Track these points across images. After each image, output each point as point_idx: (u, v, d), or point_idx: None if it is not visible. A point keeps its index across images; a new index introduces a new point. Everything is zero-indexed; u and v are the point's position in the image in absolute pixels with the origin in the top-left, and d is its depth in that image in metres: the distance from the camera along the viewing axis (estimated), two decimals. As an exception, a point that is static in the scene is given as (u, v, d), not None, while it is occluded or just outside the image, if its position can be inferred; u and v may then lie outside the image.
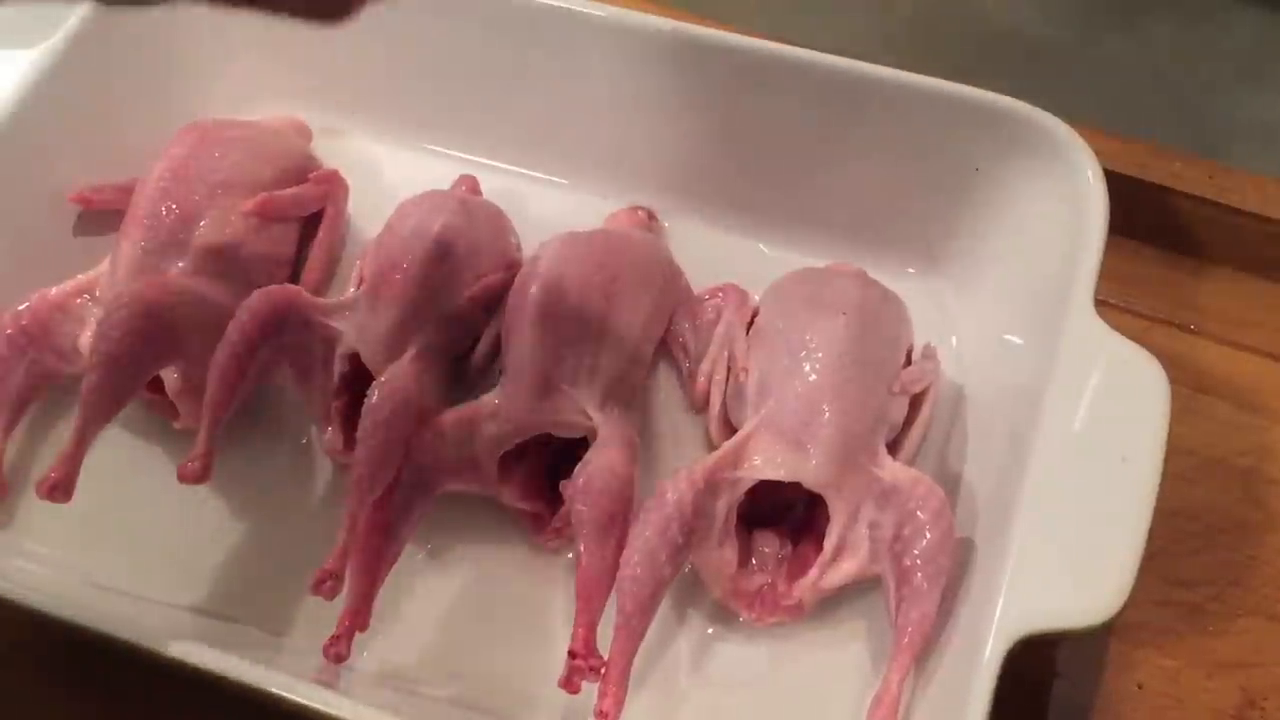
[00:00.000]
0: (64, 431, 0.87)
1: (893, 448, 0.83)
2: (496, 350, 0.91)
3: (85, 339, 0.88)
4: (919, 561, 0.74)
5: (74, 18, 0.96)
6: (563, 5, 0.97)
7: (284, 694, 0.70)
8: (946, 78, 0.91)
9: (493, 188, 1.02)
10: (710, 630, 0.82)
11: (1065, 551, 0.70)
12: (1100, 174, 0.84)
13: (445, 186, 0.99)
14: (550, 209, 1.02)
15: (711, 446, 0.88)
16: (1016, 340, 0.87)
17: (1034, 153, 0.88)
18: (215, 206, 0.91)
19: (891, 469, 0.79)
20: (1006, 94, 0.90)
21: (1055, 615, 0.69)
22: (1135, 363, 0.77)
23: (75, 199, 0.95)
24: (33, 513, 0.88)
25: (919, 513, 0.76)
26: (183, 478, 0.81)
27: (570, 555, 0.86)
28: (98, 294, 0.90)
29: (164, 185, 0.91)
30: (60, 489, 0.79)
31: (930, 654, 0.74)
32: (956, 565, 0.75)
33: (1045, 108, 0.89)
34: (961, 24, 1.27)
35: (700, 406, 0.90)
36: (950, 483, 0.84)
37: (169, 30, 1.01)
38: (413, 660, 0.82)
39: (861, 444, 0.79)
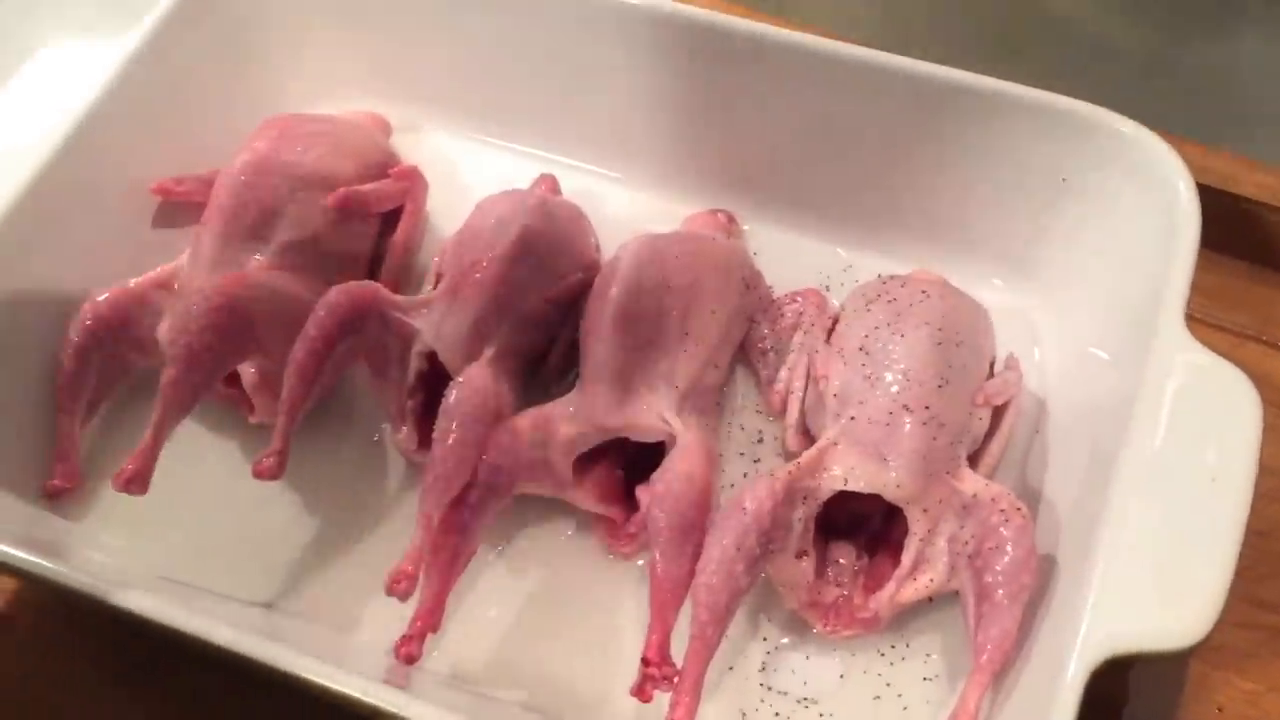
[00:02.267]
0: (137, 424, 0.88)
1: (973, 460, 0.82)
2: (573, 352, 0.91)
3: (163, 331, 0.89)
4: (1000, 578, 0.73)
5: (157, 9, 0.97)
6: (643, 4, 0.97)
7: (357, 695, 0.70)
8: (1030, 85, 0.91)
9: (570, 187, 1.02)
10: (783, 641, 0.82)
11: (1152, 572, 0.69)
12: (1192, 187, 0.83)
13: (522, 185, 1.00)
14: (627, 210, 1.02)
15: (788, 454, 0.87)
16: (1102, 354, 0.86)
17: (1124, 164, 0.87)
18: (296, 200, 0.92)
19: (973, 482, 0.78)
20: (1089, 102, 0.89)
21: (1140, 637, 0.67)
22: (1226, 379, 0.75)
23: (156, 190, 0.96)
24: (107, 504, 0.89)
25: (1001, 528, 0.75)
26: (258, 474, 0.81)
27: (642, 561, 0.85)
28: (176, 286, 0.91)
29: (245, 178, 0.92)
30: (137, 481, 0.80)
31: (1009, 672, 0.74)
32: (1038, 583, 0.75)
33: (1130, 117, 0.88)
34: (1044, 31, 1.25)
35: (778, 413, 0.89)
36: (1030, 497, 0.83)
37: (250, 23, 1.02)
38: (482, 663, 0.82)
39: (943, 456, 0.79)
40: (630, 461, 0.87)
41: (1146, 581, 0.69)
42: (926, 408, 0.79)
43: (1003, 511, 0.75)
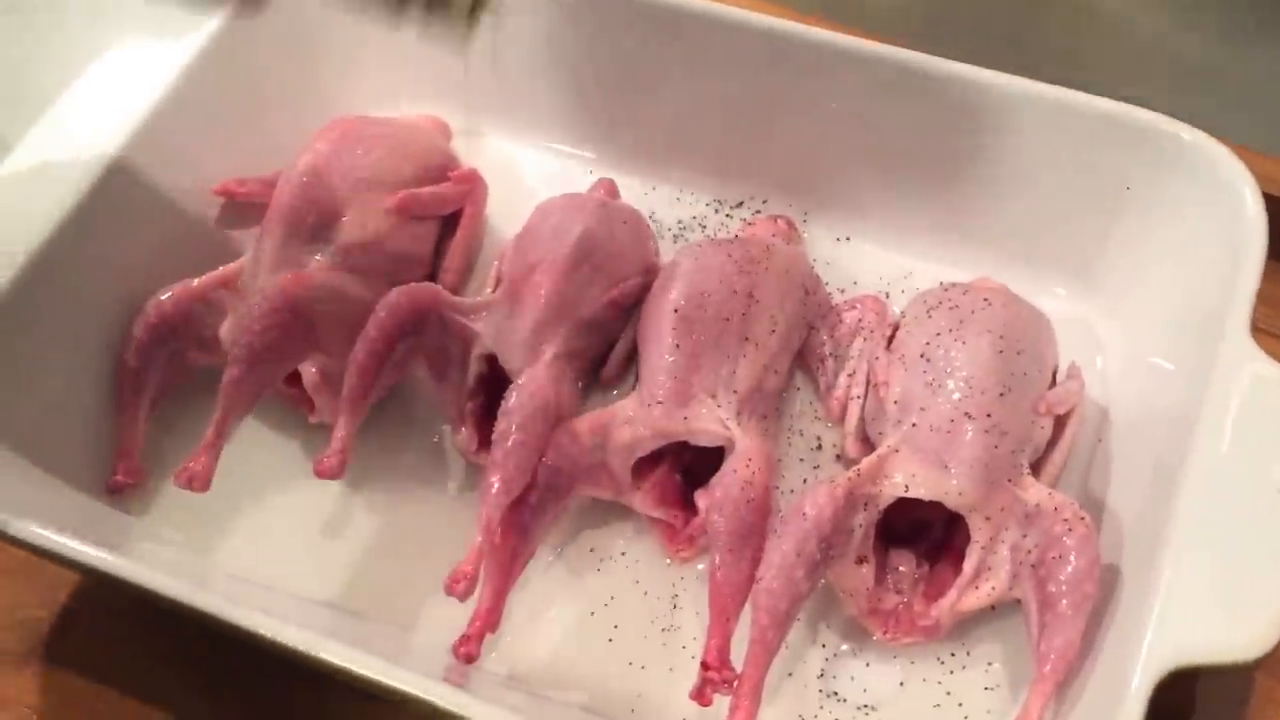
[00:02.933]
0: (197, 422, 0.89)
1: (1035, 469, 0.81)
2: (631, 356, 0.92)
3: (225, 330, 0.90)
4: (1064, 587, 0.73)
5: (220, 11, 0.97)
6: (701, 8, 0.97)
7: (418, 693, 0.70)
8: (1092, 93, 0.90)
9: (628, 192, 1.02)
10: (843, 647, 0.82)
11: (1218, 583, 0.69)
12: (1259, 197, 0.82)
13: (580, 189, 1.00)
14: (685, 215, 1.02)
15: (846, 461, 0.87)
16: (1166, 364, 0.85)
17: (1189, 173, 0.86)
18: (357, 202, 0.92)
19: (1036, 491, 0.78)
20: (1153, 110, 0.89)
21: (1206, 649, 0.67)
22: (1292, 391, 0.75)
23: (219, 191, 0.96)
24: (169, 501, 0.90)
25: (1065, 538, 0.74)
26: (319, 473, 0.82)
27: (700, 565, 0.86)
28: (238, 286, 0.91)
29: (307, 180, 0.92)
30: (199, 479, 0.81)
31: (1072, 683, 0.73)
32: (1101, 593, 0.74)
33: (1194, 125, 0.87)
34: (1106, 39, 1.25)
35: (837, 420, 0.89)
36: (1093, 506, 0.82)
37: (312, 26, 1.03)
38: (540, 664, 0.83)
39: (1006, 465, 0.78)
40: (688, 466, 0.87)
41: (1212, 593, 0.69)
42: (989, 415, 0.78)
43: (1066, 521, 0.75)
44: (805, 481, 0.88)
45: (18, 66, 0.78)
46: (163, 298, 0.90)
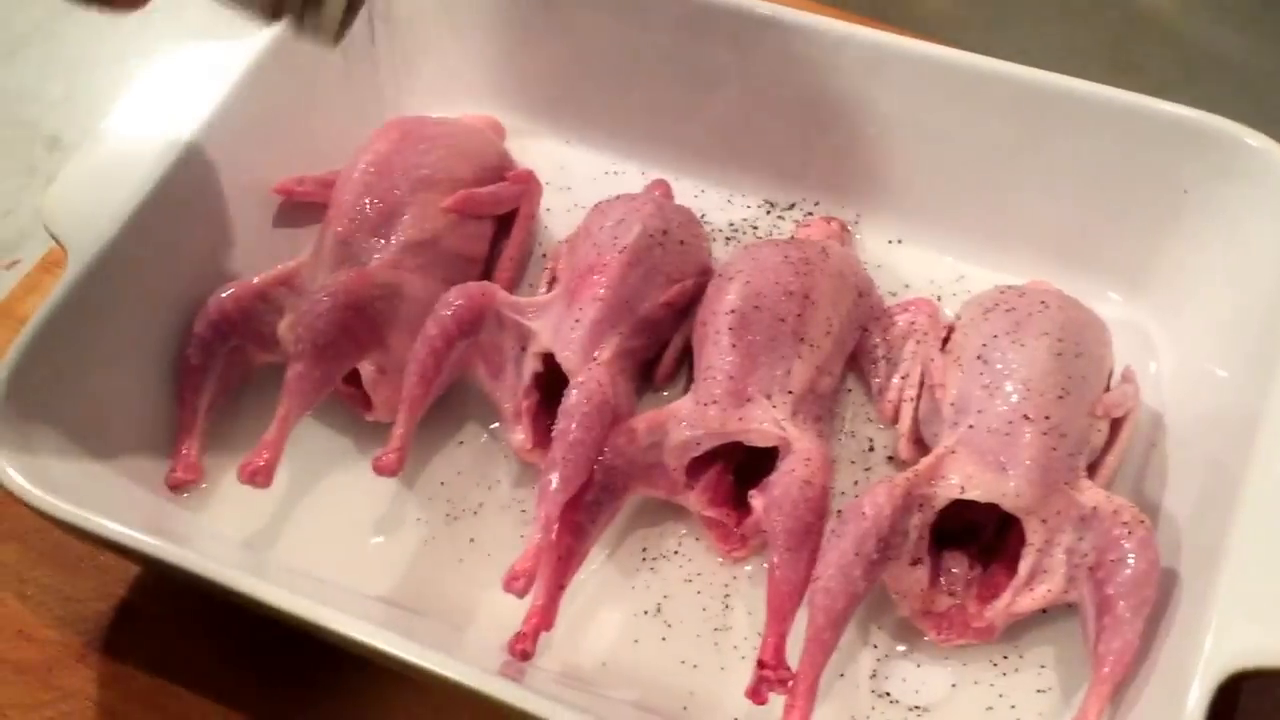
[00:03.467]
0: (255, 419, 0.90)
1: (1090, 472, 0.82)
2: (683, 357, 0.92)
3: (284, 327, 0.91)
4: (1122, 590, 0.73)
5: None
6: (755, 10, 0.97)
7: (477, 686, 0.71)
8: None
9: (681, 194, 1.02)
10: (895, 649, 0.82)
11: (1278, 587, 0.69)
12: (1319, 201, 0.83)
13: (632, 190, 1.00)
14: (737, 217, 1.03)
15: (899, 463, 0.87)
16: (1221, 371, 0.85)
17: (1248, 177, 0.86)
18: (416, 201, 0.93)
19: (1093, 494, 0.78)
20: (1211, 114, 0.89)
21: (1266, 653, 0.67)
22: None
23: (278, 190, 0.97)
24: (226, 498, 0.90)
25: (1124, 540, 0.74)
26: (378, 469, 0.83)
27: (749, 566, 0.86)
28: (298, 284, 0.92)
29: (368, 179, 0.93)
30: (262, 474, 0.82)
31: (1128, 686, 0.73)
32: (1158, 596, 0.74)
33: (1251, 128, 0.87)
34: (1160, 44, 1.25)
35: (890, 421, 0.90)
36: (1147, 510, 0.81)
37: (372, 29, 1.03)
38: (593, 662, 0.83)
39: (1062, 467, 0.78)
40: (741, 466, 0.87)
41: (1272, 597, 0.69)
42: (1047, 418, 0.79)
43: (1125, 524, 0.75)
44: (856, 484, 0.89)
45: (78, 68, 0.79)
46: (224, 295, 0.91)
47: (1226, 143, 0.87)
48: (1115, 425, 0.84)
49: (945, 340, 0.87)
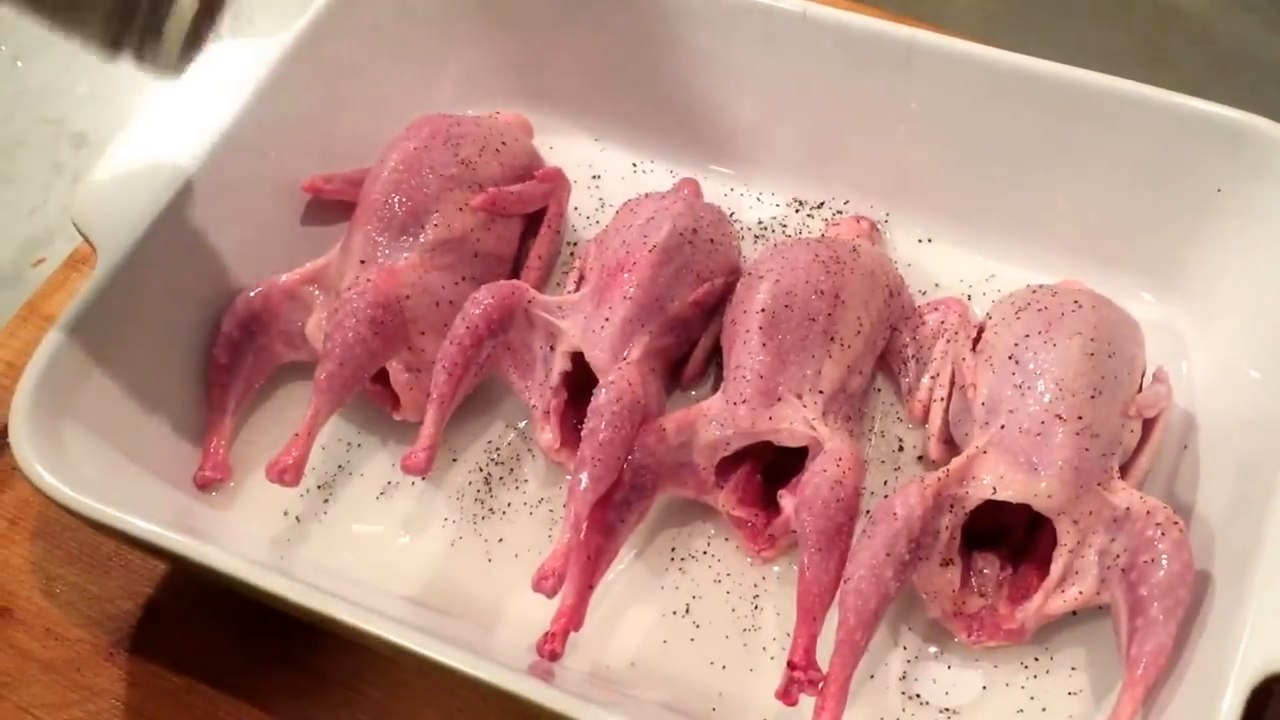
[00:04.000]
0: (280, 417, 0.92)
1: (1122, 472, 0.81)
2: (712, 356, 0.92)
3: (313, 326, 0.91)
4: (1156, 592, 0.73)
5: (311, 10, 0.99)
6: (783, 6, 0.97)
7: (506, 685, 0.71)
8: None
9: (709, 192, 1.02)
10: (926, 650, 0.82)
11: (1313, 590, 0.69)
12: (1356, 201, 0.83)
13: (660, 189, 1.00)
14: (766, 216, 1.03)
15: (929, 463, 0.87)
16: (1254, 373, 0.85)
17: (1280, 175, 0.86)
18: (445, 200, 0.93)
19: (1126, 495, 0.77)
20: (1246, 112, 0.88)
21: (1307, 656, 0.67)
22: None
23: (308, 188, 0.97)
24: (253, 497, 0.91)
25: (1157, 542, 0.74)
26: (406, 468, 0.83)
27: (776, 567, 0.86)
28: (325, 282, 0.93)
29: (397, 177, 0.93)
30: (291, 472, 0.82)
31: (1161, 688, 0.73)
32: (1192, 598, 0.74)
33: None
34: (1191, 41, 1.24)
35: (920, 421, 0.89)
36: (1179, 512, 0.81)
37: (400, 26, 1.04)
38: (623, 662, 0.83)
39: (1095, 468, 0.78)
40: (770, 466, 0.87)
41: (1308, 599, 0.69)
42: (1080, 418, 0.78)
43: (1159, 525, 0.75)
44: (886, 483, 0.89)
45: (107, 67, 0.79)
46: (251, 294, 0.91)
47: (1260, 140, 0.87)
48: (1147, 426, 0.83)
49: (976, 340, 0.87)
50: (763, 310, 0.86)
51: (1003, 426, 0.80)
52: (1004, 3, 1.30)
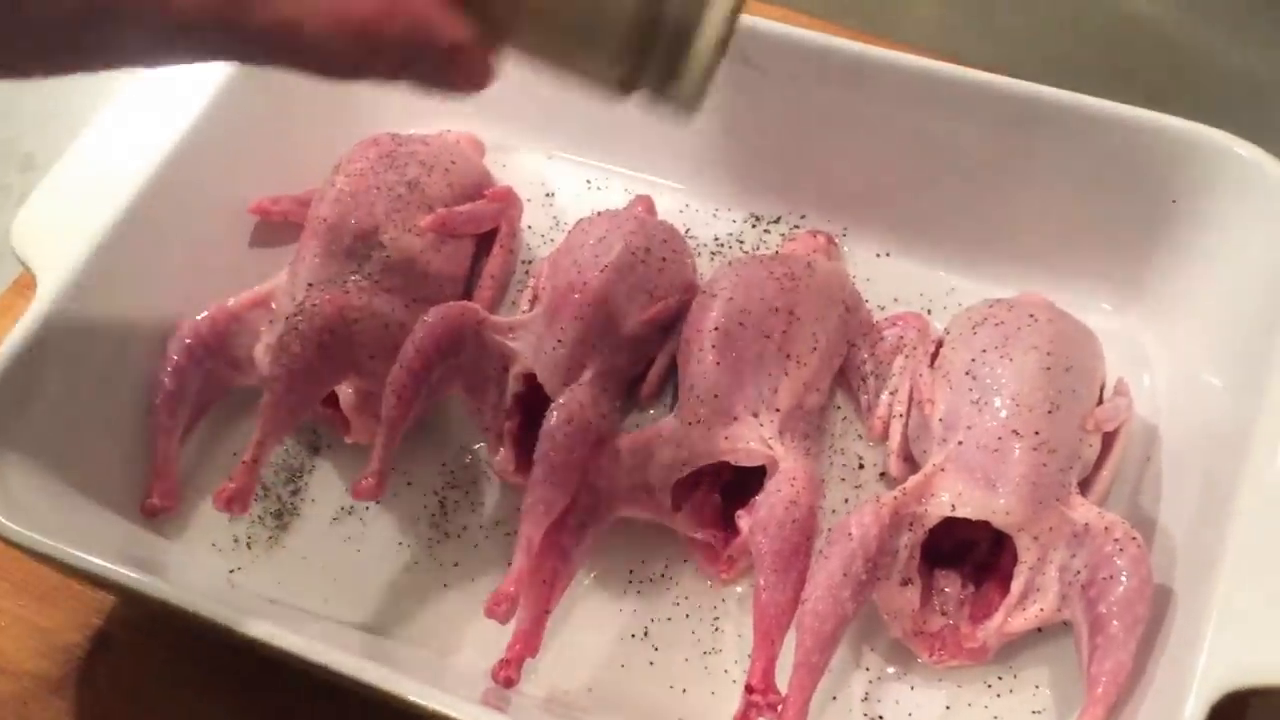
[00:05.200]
0: (232, 443, 0.91)
1: (1083, 488, 0.82)
2: (669, 374, 0.92)
3: (261, 350, 0.91)
4: (1115, 609, 0.73)
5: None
6: (741, 23, 0.97)
7: (456, 716, 0.71)
8: (1140, 106, 0.91)
9: (664, 209, 1.03)
10: (887, 670, 0.82)
11: (1273, 603, 0.70)
12: (1307, 209, 0.83)
13: (614, 206, 1.01)
14: (723, 232, 1.03)
15: (889, 481, 0.88)
16: (1215, 381, 0.85)
17: (1236, 186, 0.87)
18: (393, 221, 0.93)
19: (1085, 510, 0.78)
20: (1199, 124, 0.89)
21: (1262, 670, 0.68)
22: (1346, 408, 0.75)
23: (254, 210, 0.98)
24: (203, 524, 0.91)
25: (1116, 558, 0.75)
26: (357, 494, 0.83)
27: (740, 587, 0.86)
28: (274, 306, 0.92)
29: (343, 198, 0.93)
30: (238, 500, 0.82)
31: (1124, 705, 0.73)
32: (1152, 613, 0.74)
33: (1241, 137, 0.88)
34: (1151, 52, 1.25)
35: (879, 438, 0.90)
36: (1143, 526, 0.82)
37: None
38: (579, 688, 0.83)
39: (1054, 483, 0.79)
40: (728, 485, 0.87)
41: (1267, 613, 0.69)
42: (1036, 433, 0.79)
43: (1117, 540, 0.75)
44: (847, 501, 0.89)
45: (54, 84, 0.79)
46: (198, 319, 0.91)
47: (1214, 153, 0.88)
48: (1108, 439, 0.84)
49: (934, 355, 0.88)
50: (716, 328, 0.86)
51: (960, 443, 0.80)
52: (963, 14, 1.30)
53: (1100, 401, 0.85)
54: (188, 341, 0.90)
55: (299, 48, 0.56)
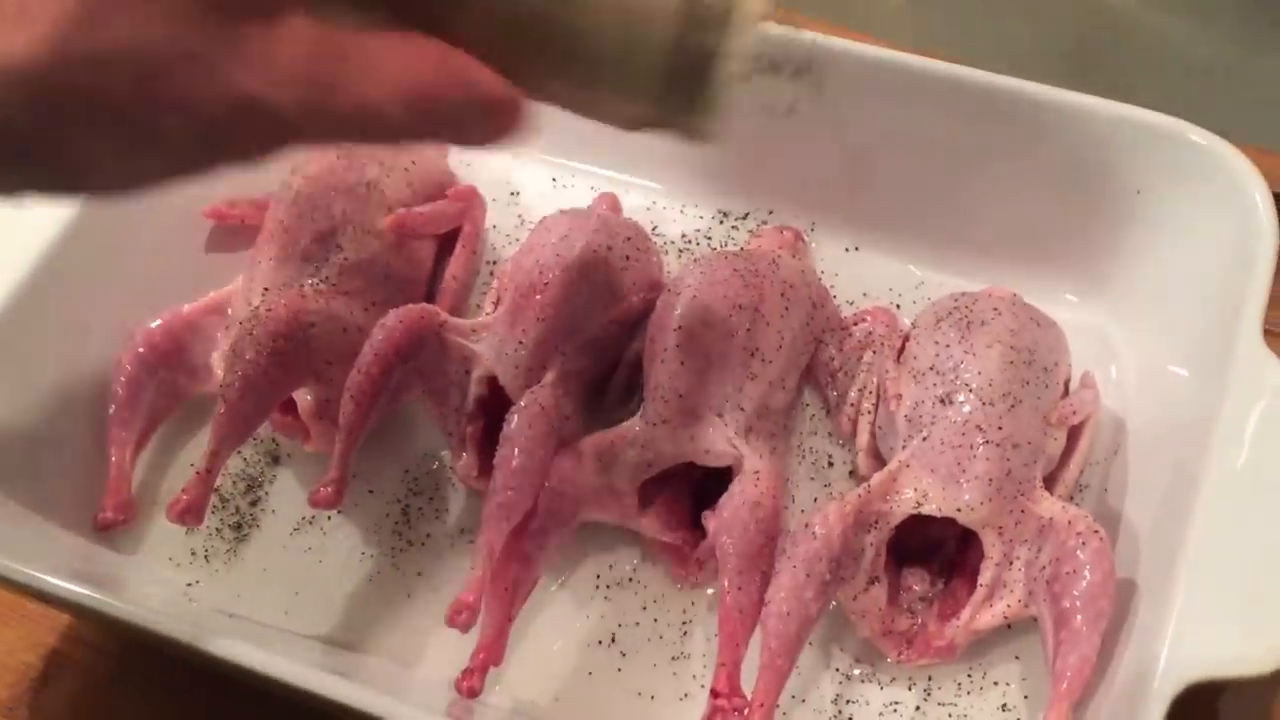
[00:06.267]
0: (187, 453, 0.92)
1: (1049, 482, 0.83)
2: (636, 374, 0.93)
3: (217, 357, 0.91)
4: (1078, 603, 0.74)
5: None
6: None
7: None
8: (1105, 97, 0.92)
9: (631, 206, 1.04)
10: (856, 671, 0.83)
11: (1236, 595, 0.71)
12: (1269, 198, 0.84)
13: (581, 204, 1.01)
14: (690, 228, 1.04)
15: (858, 478, 0.89)
16: (1180, 371, 0.86)
17: (1198, 175, 0.88)
18: (352, 222, 0.94)
19: (1049, 505, 0.79)
20: (1164, 114, 0.90)
21: (1226, 662, 0.69)
22: (1307, 396, 0.77)
23: (209, 214, 0.98)
24: (160, 537, 0.91)
25: (1078, 552, 0.75)
26: (315, 503, 0.83)
27: (710, 590, 0.87)
28: (230, 312, 0.93)
29: (300, 200, 0.94)
30: (192, 512, 0.82)
31: (1089, 700, 0.74)
32: (1118, 607, 0.75)
33: (1208, 128, 0.89)
34: (1116, 43, 1.26)
35: (847, 436, 0.91)
36: (1109, 520, 0.83)
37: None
38: (546, 696, 0.84)
39: (1018, 478, 0.80)
40: (696, 486, 0.88)
41: (1231, 606, 0.70)
42: (1000, 428, 0.80)
43: (1080, 534, 0.76)
44: (816, 500, 0.90)
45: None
46: (152, 326, 0.91)
47: (1176, 143, 0.89)
48: (1075, 432, 0.85)
49: (900, 350, 0.89)
50: (680, 328, 0.86)
51: (925, 439, 0.81)
52: (932, 6, 1.31)
53: (1066, 394, 0.86)
54: (141, 350, 0.90)
55: (375, 128, 0.57)
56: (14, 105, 0.50)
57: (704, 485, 0.87)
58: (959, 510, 0.79)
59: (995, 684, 0.82)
